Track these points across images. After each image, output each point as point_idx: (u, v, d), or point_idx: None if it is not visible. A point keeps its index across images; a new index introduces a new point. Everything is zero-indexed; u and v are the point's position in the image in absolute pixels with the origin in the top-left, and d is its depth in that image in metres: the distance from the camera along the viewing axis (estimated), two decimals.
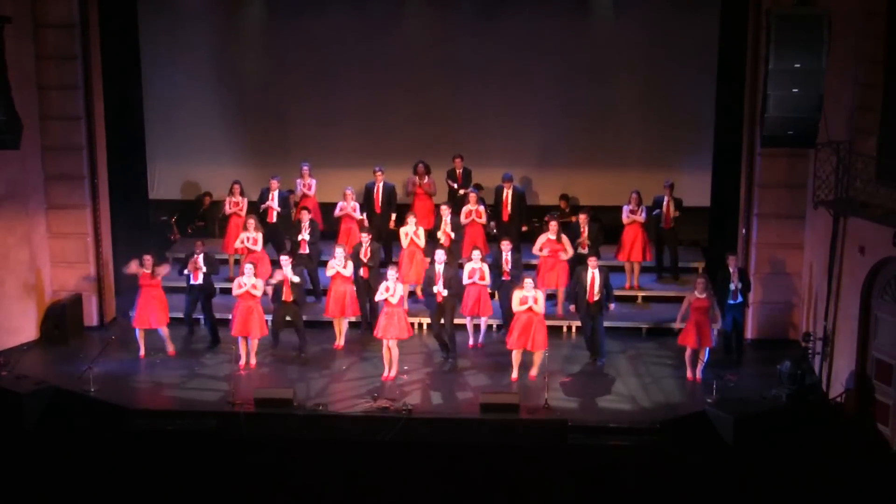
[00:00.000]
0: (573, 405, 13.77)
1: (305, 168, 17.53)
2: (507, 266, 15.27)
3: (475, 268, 15.00)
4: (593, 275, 14.67)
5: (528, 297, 14.14)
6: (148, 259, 15.09)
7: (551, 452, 12.89)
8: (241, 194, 17.29)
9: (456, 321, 15.11)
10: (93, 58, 16.02)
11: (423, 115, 18.84)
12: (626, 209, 16.63)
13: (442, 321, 14.83)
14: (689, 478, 12.29)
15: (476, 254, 15.08)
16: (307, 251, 16.34)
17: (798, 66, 12.70)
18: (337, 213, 17.03)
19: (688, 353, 14.40)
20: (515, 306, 14.20)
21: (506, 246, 15.38)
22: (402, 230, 16.25)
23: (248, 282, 14.69)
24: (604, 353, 14.93)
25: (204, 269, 15.40)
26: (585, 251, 15.68)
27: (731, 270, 14.78)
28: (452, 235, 16.13)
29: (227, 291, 15.55)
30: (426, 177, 17.60)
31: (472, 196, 16.69)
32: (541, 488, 12.14)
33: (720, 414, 13.03)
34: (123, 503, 11.96)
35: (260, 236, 16.27)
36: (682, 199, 16.98)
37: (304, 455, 12.80)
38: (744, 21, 15.54)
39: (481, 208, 16.66)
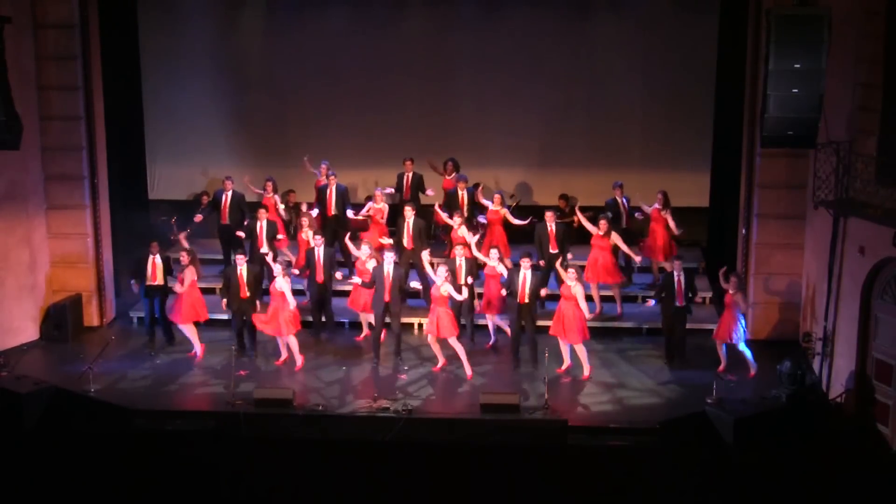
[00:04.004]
0: (573, 405, 13.78)
1: (324, 166, 17.50)
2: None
3: (492, 266, 15.06)
4: (525, 276, 14.59)
5: (570, 287, 14.29)
6: (185, 256, 15.04)
7: (551, 452, 12.89)
8: (275, 191, 17.31)
9: (478, 322, 15.68)
10: (93, 58, 16.01)
11: (423, 115, 18.86)
12: (654, 208, 16.56)
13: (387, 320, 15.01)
14: (689, 478, 12.29)
15: (494, 253, 15.15)
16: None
17: (798, 66, 12.69)
18: (363, 213, 16.91)
19: (720, 347, 14.61)
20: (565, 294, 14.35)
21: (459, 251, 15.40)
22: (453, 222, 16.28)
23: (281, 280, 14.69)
24: (538, 358, 14.65)
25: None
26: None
27: (674, 274, 14.69)
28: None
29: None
30: (455, 174, 17.61)
31: (497, 197, 16.69)
32: (541, 488, 12.14)
33: (720, 414, 13.02)
34: (123, 503, 11.96)
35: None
36: (630, 198, 16.89)
37: (304, 455, 12.80)
38: (744, 21, 15.55)
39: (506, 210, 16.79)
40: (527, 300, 14.57)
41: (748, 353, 14.48)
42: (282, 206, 17.31)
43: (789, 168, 15.32)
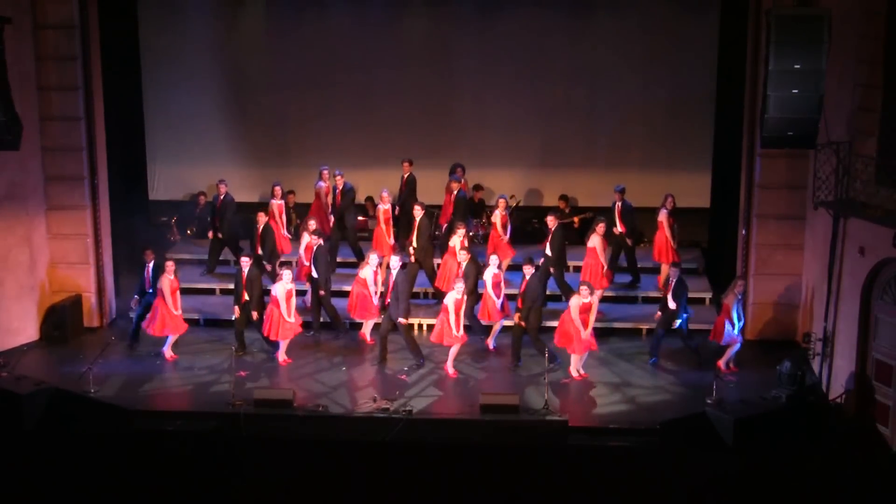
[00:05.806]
0: (574, 405, 13.79)
1: (325, 170, 17.38)
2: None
3: (495, 272, 15.04)
4: (525, 279, 14.65)
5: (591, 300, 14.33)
6: (171, 265, 14.99)
7: (551, 453, 12.89)
8: (282, 197, 17.21)
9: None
10: (93, 58, 16.01)
11: (423, 116, 18.88)
12: (663, 212, 16.47)
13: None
14: (689, 478, 12.29)
15: (494, 259, 15.15)
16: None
17: (798, 66, 12.70)
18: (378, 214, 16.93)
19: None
20: (575, 314, 14.20)
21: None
22: (454, 239, 15.97)
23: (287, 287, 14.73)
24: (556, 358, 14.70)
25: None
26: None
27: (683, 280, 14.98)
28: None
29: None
30: (462, 179, 17.52)
31: (502, 202, 16.60)
32: (541, 488, 12.14)
33: (720, 414, 13.02)
34: (123, 503, 11.97)
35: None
36: (631, 203, 16.85)
37: (304, 455, 12.80)
38: (744, 21, 15.55)
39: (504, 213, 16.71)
40: (524, 303, 14.59)
41: (727, 350, 14.64)
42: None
43: (789, 168, 15.32)
